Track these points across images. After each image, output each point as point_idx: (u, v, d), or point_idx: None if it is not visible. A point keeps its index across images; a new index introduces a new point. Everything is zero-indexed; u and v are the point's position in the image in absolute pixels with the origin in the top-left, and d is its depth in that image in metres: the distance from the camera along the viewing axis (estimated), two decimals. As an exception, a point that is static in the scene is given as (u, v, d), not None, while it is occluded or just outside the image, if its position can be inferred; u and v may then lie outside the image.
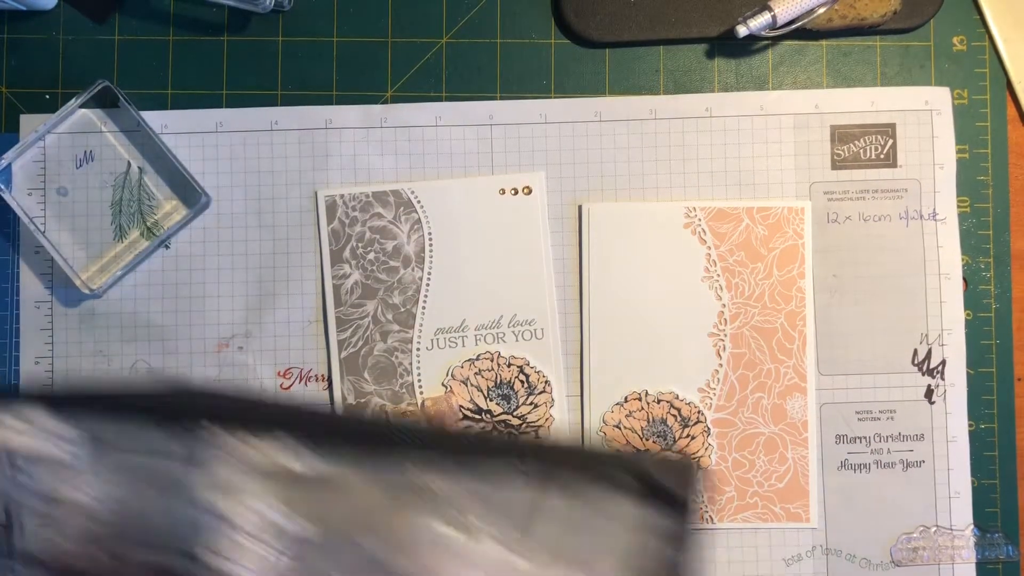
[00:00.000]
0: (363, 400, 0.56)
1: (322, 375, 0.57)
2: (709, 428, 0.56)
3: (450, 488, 0.42)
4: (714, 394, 0.56)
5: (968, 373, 0.57)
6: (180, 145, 0.57)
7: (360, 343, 0.56)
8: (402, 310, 0.57)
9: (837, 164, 0.57)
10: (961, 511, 0.57)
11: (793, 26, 0.55)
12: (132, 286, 0.57)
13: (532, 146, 0.57)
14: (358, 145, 0.57)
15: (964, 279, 0.58)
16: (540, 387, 0.57)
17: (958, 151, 0.58)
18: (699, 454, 0.56)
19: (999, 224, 0.58)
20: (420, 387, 0.56)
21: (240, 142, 0.57)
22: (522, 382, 0.57)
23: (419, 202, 0.57)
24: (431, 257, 0.57)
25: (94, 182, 0.57)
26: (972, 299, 0.58)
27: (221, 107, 0.57)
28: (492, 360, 0.57)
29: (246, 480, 0.42)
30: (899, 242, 0.57)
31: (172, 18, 0.58)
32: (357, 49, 0.58)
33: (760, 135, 0.57)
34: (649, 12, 0.57)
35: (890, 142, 0.57)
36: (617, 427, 0.56)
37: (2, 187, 0.56)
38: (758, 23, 0.54)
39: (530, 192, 0.57)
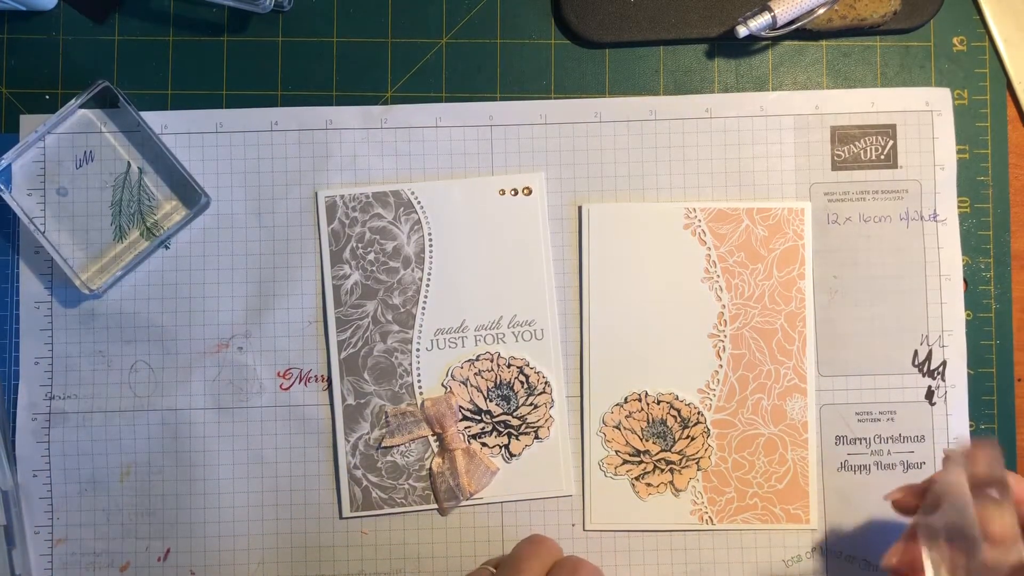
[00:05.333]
0: (363, 400, 0.56)
1: (322, 375, 0.57)
2: (709, 429, 0.56)
3: None
4: (714, 395, 0.56)
5: (968, 374, 0.57)
6: (180, 145, 0.57)
7: (360, 343, 0.56)
8: (402, 311, 0.57)
9: (837, 165, 0.57)
10: (961, 512, 0.56)
11: (793, 26, 0.55)
12: (132, 286, 0.57)
13: (532, 146, 0.57)
14: (358, 145, 0.57)
15: (964, 280, 0.57)
16: (540, 388, 0.57)
17: (958, 152, 0.58)
18: (698, 455, 0.56)
19: (999, 224, 0.58)
20: (420, 387, 0.56)
21: (240, 142, 0.57)
22: (522, 383, 0.57)
23: (419, 202, 0.57)
24: (431, 258, 0.57)
25: (94, 182, 0.57)
26: (972, 300, 0.58)
27: (221, 107, 0.57)
28: (492, 360, 0.57)
29: None
30: (899, 243, 0.57)
31: (172, 18, 0.58)
32: (357, 49, 0.58)
33: (760, 136, 0.57)
34: (649, 12, 0.57)
35: (890, 143, 0.57)
36: (617, 428, 0.56)
37: (2, 187, 0.56)
38: (758, 23, 0.54)
39: (530, 192, 0.57)
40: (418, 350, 0.56)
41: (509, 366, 0.57)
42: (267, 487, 0.56)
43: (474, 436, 0.56)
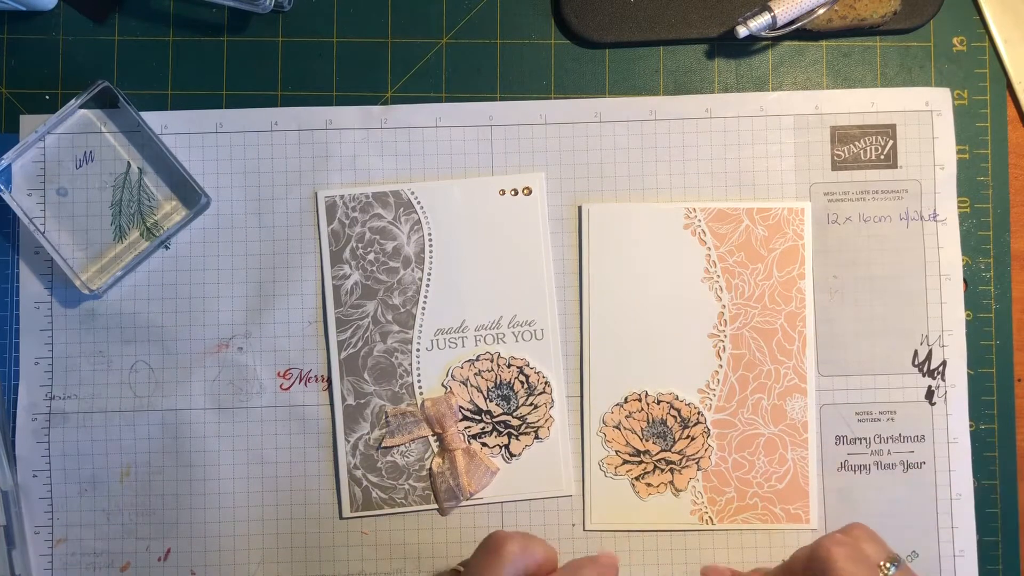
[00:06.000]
0: (363, 400, 0.56)
1: (322, 376, 0.57)
2: (709, 429, 0.56)
3: None
4: (714, 395, 0.56)
5: (968, 374, 0.57)
6: (180, 145, 0.57)
7: (360, 344, 0.56)
8: (402, 311, 0.57)
9: (837, 165, 0.57)
10: (963, 512, 0.56)
11: (793, 27, 0.55)
12: (132, 286, 0.57)
13: (532, 147, 0.57)
14: (358, 146, 0.57)
15: (964, 280, 0.57)
16: (540, 388, 0.57)
17: (958, 151, 0.58)
18: (698, 455, 0.56)
19: (999, 224, 0.58)
20: (420, 388, 0.56)
21: (240, 142, 0.57)
22: (522, 383, 0.57)
23: (419, 202, 0.57)
24: (431, 258, 0.57)
25: (94, 182, 0.57)
26: (972, 300, 0.58)
27: (221, 107, 0.57)
28: (492, 361, 0.57)
29: None
30: (899, 243, 0.57)
31: (172, 18, 0.58)
32: (357, 49, 0.58)
33: (760, 136, 0.57)
34: (649, 12, 0.57)
35: (890, 143, 0.57)
36: (617, 428, 0.56)
37: (2, 187, 0.56)
38: (758, 23, 0.54)
39: (530, 193, 0.57)
40: (418, 350, 0.56)
41: (509, 366, 0.57)
42: (267, 487, 0.56)
43: (474, 436, 0.56)
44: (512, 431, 0.56)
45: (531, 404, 0.57)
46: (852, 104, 0.57)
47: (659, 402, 0.56)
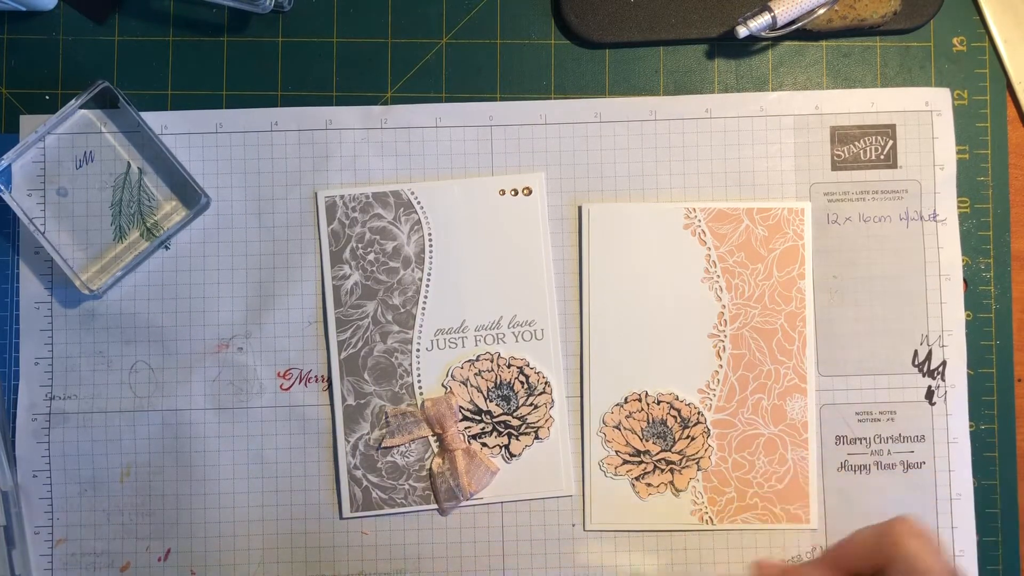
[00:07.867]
0: (363, 401, 0.56)
1: (322, 376, 0.57)
2: (709, 429, 0.56)
3: None
4: (714, 395, 0.56)
5: (968, 374, 0.57)
6: (180, 146, 0.57)
7: (360, 344, 0.56)
8: (402, 311, 0.57)
9: (837, 165, 0.57)
10: (963, 513, 0.56)
11: (793, 27, 0.55)
12: (132, 287, 0.57)
13: (532, 147, 0.57)
14: (358, 146, 0.57)
15: (964, 280, 0.57)
16: (540, 388, 0.57)
17: (958, 152, 0.58)
18: (698, 455, 0.56)
19: (999, 224, 0.58)
20: (420, 388, 0.56)
21: (240, 142, 0.57)
22: (522, 383, 0.57)
23: (419, 203, 0.57)
24: (431, 258, 0.57)
25: (94, 183, 0.57)
26: (972, 300, 0.58)
27: (221, 108, 0.57)
28: (492, 361, 0.57)
29: None
30: (899, 243, 0.57)
31: (172, 18, 0.58)
32: (357, 49, 0.58)
33: (760, 136, 0.57)
34: (649, 12, 0.57)
35: (890, 143, 0.57)
36: (617, 428, 0.56)
37: (2, 188, 0.56)
38: (758, 24, 0.54)
39: (530, 193, 0.57)
40: (418, 350, 0.56)
41: (509, 366, 0.57)
42: (267, 487, 0.56)
43: (474, 436, 0.56)
44: (512, 431, 0.56)
45: (531, 404, 0.57)
46: (852, 104, 0.57)
47: (659, 402, 0.56)
